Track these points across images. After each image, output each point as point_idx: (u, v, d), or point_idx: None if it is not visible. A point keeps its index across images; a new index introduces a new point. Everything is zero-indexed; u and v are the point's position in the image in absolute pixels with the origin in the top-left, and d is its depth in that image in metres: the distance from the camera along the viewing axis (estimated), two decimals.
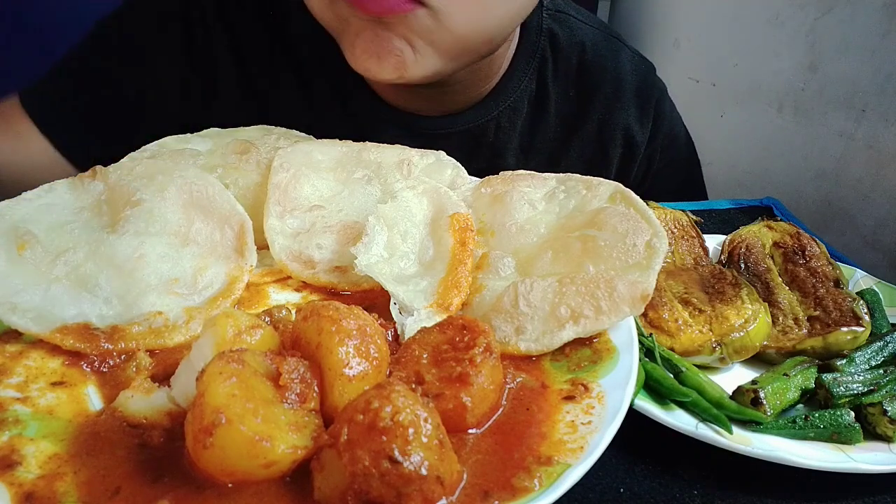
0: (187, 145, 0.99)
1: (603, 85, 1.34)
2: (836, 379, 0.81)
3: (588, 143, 1.37)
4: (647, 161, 1.44)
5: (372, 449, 0.51)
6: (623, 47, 1.39)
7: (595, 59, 1.34)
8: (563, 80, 1.33)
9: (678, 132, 1.50)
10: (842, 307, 0.92)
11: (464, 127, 1.25)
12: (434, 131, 1.24)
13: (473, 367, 0.62)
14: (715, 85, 2.04)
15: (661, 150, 1.44)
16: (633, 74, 1.37)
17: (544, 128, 1.34)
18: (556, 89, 1.33)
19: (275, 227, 0.89)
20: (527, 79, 1.28)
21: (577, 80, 1.34)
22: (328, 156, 0.99)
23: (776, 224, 1.11)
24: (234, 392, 0.54)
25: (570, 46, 1.32)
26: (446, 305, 0.77)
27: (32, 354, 0.70)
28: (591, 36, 1.35)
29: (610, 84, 1.35)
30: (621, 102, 1.36)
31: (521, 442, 0.61)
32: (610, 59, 1.35)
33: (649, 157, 1.43)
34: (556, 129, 1.35)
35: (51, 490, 0.55)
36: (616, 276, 0.76)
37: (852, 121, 1.57)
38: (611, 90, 1.35)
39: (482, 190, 0.95)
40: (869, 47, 1.51)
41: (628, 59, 1.38)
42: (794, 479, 0.74)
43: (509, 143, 1.32)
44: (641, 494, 0.72)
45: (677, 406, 0.78)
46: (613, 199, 0.88)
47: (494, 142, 1.30)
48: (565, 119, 1.35)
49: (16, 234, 0.78)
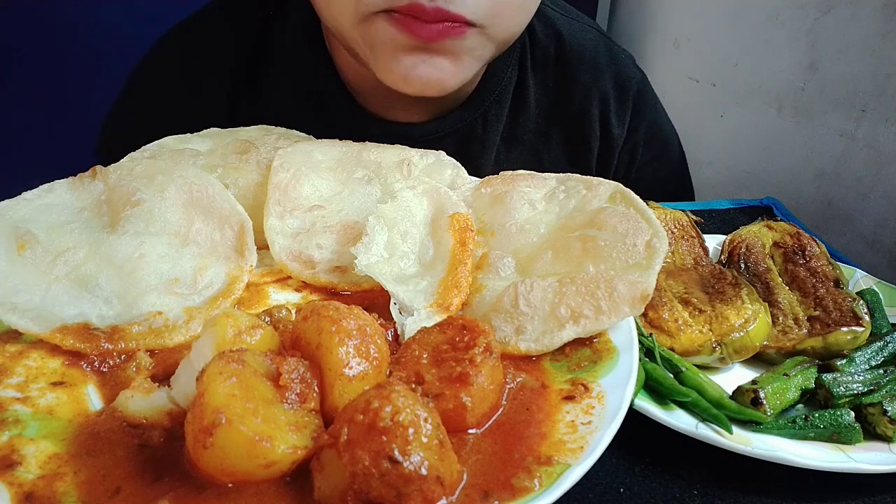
0: (187, 145, 0.99)
1: (581, 75, 1.33)
2: (836, 379, 0.81)
3: (569, 135, 1.35)
4: (628, 155, 1.41)
5: (372, 449, 0.51)
6: (601, 37, 1.37)
7: (573, 48, 1.32)
8: (542, 71, 1.32)
9: (663, 126, 1.47)
10: (842, 307, 0.91)
11: (455, 127, 1.25)
12: (426, 136, 1.23)
13: (473, 367, 0.62)
14: (715, 85, 2.04)
15: (645, 143, 1.42)
16: (610, 64, 1.35)
17: (525, 119, 1.32)
18: (535, 80, 1.32)
19: (275, 227, 0.89)
20: (509, 70, 1.27)
21: (555, 70, 1.32)
22: (328, 156, 0.99)
23: (776, 224, 1.11)
24: (234, 392, 0.54)
25: (546, 37, 1.31)
26: (446, 305, 0.77)
27: (32, 354, 0.70)
28: (568, 26, 1.34)
29: (587, 74, 1.33)
30: (599, 92, 1.34)
31: (521, 442, 0.61)
32: (588, 50, 1.34)
33: (631, 151, 1.41)
34: (536, 121, 1.34)
35: (51, 490, 0.55)
36: (616, 276, 0.76)
37: (852, 121, 1.57)
38: (588, 80, 1.33)
39: (482, 190, 0.95)
40: (869, 47, 1.51)
41: (605, 49, 1.36)
42: (794, 479, 0.74)
43: (495, 137, 1.30)
44: (641, 494, 0.72)
45: (677, 406, 0.78)
46: (613, 199, 0.88)
47: (482, 136, 1.29)
48: (545, 110, 1.34)
49: (16, 234, 0.78)
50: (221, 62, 1.25)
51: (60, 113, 2.16)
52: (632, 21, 2.48)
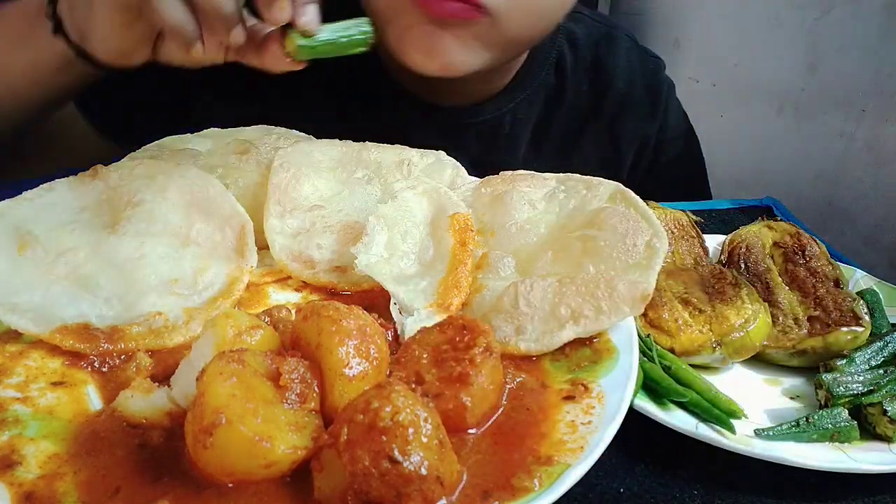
0: (187, 145, 0.99)
1: (615, 81, 1.37)
2: (836, 379, 0.81)
3: (600, 139, 1.40)
4: (653, 153, 1.46)
5: (372, 449, 0.51)
6: (635, 45, 1.43)
7: (609, 56, 1.37)
8: (579, 75, 1.36)
9: (685, 128, 1.52)
10: (842, 307, 0.91)
11: (483, 118, 1.27)
12: (454, 121, 1.26)
13: (473, 367, 0.62)
14: (715, 85, 2.04)
15: (668, 142, 1.47)
16: (644, 72, 1.40)
17: (557, 121, 1.36)
18: (572, 84, 1.35)
19: (275, 227, 0.89)
20: (544, 72, 1.31)
21: (592, 75, 1.37)
22: (328, 156, 0.99)
23: (776, 224, 1.10)
24: (235, 392, 0.54)
25: (587, 43, 1.36)
26: (446, 305, 0.77)
27: (32, 354, 0.70)
28: (606, 34, 1.39)
29: (622, 81, 1.38)
30: (633, 99, 1.39)
31: (521, 442, 0.61)
32: (623, 57, 1.39)
33: (656, 150, 1.46)
34: (568, 123, 1.37)
35: (51, 490, 0.55)
36: (616, 276, 0.76)
37: (852, 121, 1.57)
38: (623, 87, 1.38)
39: (482, 190, 0.95)
40: (869, 47, 1.51)
41: (640, 57, 1.41)
42: (794, 479, 0.74)
43: (524, 135, 1.33)
44: (641, 494, 0.72)
45: (677, 406, 0.78)
46: (613, 199, 0.88)
47: (510, 133, 1.31)
48: (578, 114, 1.38)
49: (16, 234, 0.78)
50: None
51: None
52: (632, 21, 2.48)
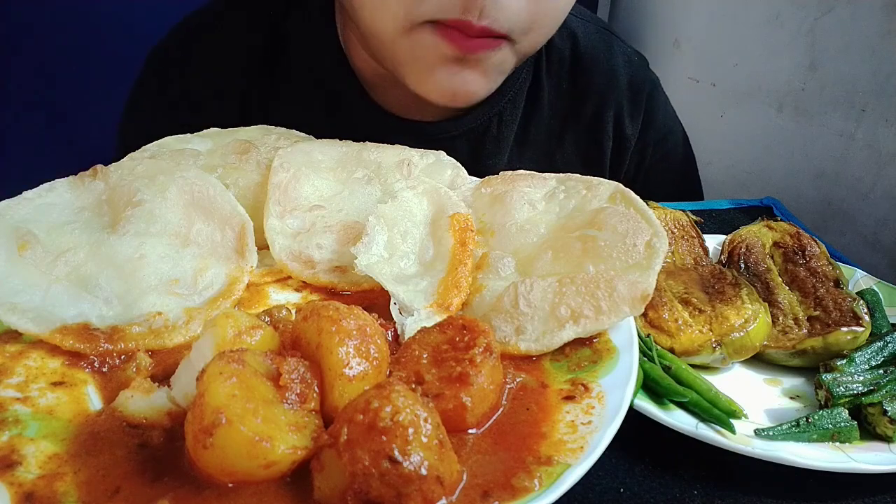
0: (187, 145, 0.99)
1: (595, 77, 1.34)
2: (836, 379, 0.81)
3: (582, 136, 1.37)
4: (638, 155, 1.42)
5: (372, 449, 0.51)
6: (615, 40, 1.39)
7: (587, 51, 1.34)
8: (557, 73, 1.33)
9: (672, 127, 1.49)
10: (842, 307, 0.91)
11: (469, 126, 1.26)
12: (441, 135, 1.24)
13: (473, 367, 0.62)
14: (715, 85, 2.04)
15: (654, 144, 1.43)
16: (625, 67, 1.37)
17: (538, 120, 1.34)
18: (550, 81, 1.33)
19: (275, 227, 0.89)
20: (524, 71, 1.29)
21: (570, 72, 1.34)
22: (328, 156, 0.99)
23: (776, 224, 1.11)
24: (235, 392, 0.54)
25: (562, 40, 1.32)
26: (446, 305, 0.77)
27: (32, 354, 0.70)
28: (583, 29, 1.35)
29: (602, 76, 1.35)
30: (614, 95, 1.35)
31: (521, 442, 0.61)
32: (602, 52, 1.35)
33: (641, 152, 1.42)
34: (549, 122, 1.35)
35: (51, 490, 0.55)
36: (616, 276, 0.76)
37: (852, 121, 1.57)
38: (603, 82, 1.35)
39: (482, 190, 0.95)
40: (869, 47, 1.51)
41: (620, 52, 1.38)
42: (794, 479, 0.74)
43: (509, 136, 1.32)
44: (641, 494, 0.72)
45: (677, 406, 0.78)
46: (613, 199, 0.88)
47: (497, 136, 1.30)
48: (559, 112, 1.35)
49: (16, 234, 0.78)
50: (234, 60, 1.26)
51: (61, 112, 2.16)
52: (632, 21, 2.48)
